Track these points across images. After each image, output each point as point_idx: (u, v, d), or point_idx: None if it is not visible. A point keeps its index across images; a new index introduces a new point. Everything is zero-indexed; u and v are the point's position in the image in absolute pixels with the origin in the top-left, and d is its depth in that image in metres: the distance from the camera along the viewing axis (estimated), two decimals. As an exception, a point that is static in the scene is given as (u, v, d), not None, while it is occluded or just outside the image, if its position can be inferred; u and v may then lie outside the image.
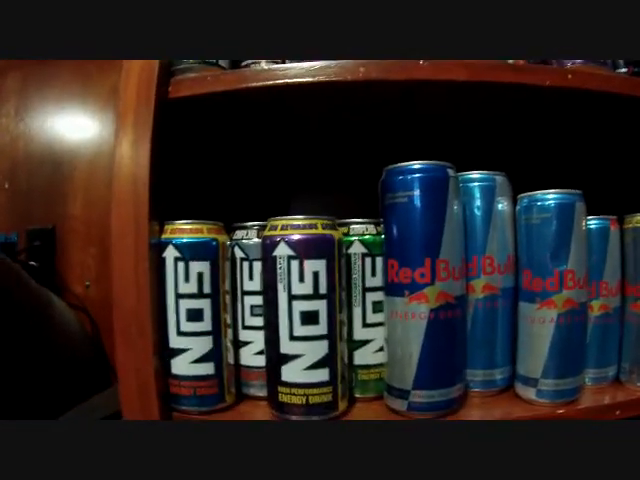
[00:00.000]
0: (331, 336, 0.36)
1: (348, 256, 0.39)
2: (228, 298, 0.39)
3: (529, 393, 0.40)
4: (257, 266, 0.39)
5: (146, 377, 0.36)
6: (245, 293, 0.40)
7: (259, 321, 0.39)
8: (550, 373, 0.39)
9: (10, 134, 0.74)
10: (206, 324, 0.37)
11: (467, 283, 0.40)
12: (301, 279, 0.35)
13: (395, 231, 0.37)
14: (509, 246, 0.41)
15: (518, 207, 0.41)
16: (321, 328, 0.36)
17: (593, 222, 0.43)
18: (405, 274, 0.36)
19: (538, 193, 0.39)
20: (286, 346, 0.36)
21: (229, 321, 0.39)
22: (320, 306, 0.36)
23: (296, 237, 0.35)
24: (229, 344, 0.39)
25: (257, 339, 0.39)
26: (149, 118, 0.37)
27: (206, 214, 0.41)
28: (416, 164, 0.36)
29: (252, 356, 0.40)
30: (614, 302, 0.43)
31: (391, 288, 0.37)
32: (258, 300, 0.39)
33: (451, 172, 0.37)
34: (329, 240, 0.36)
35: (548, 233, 0.39)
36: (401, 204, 0.36)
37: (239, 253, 0.40)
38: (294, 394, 0.36)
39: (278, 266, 0.36)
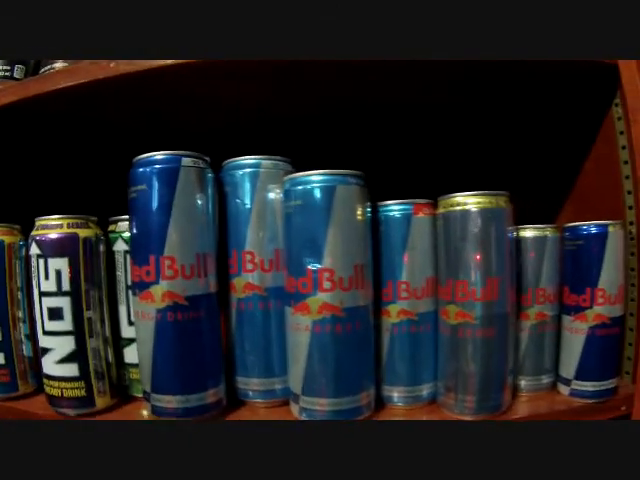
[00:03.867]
0: (78, 332, 0.36)
1: (112, 253, 0.39)
2: (20, 295, 0.42)
3: (294, 410, 0.34)
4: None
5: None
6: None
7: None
8: (307, 391, 0.33)
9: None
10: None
11: (229, 282, 0.36)
12: (46, 277, 0.36)
13: (132, 228, 0.35)
14: (280, 240, 0.36)
15: (281, 193, 0.35)
16: (66, 324, 0.36)
17: (394, 208, 0.35)
18: (136, 272, 0.34)
19: (299, 175, 0.33)
20: (41, 340, 0.37)
21: (20, 315, 0.42)
22: (64, 303, 0.36)
23: (43, 237, 0.36)
24: (23, 337, 0.42)
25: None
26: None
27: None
28: (154, 155, 0.34)
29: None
30: (421, 306, 0.34)
31: (132, 286, 0.36)
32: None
33: (187, 162, 0.34)
34: (72, 239, 0.36)
35: (302, 223, 0.33)
36: (134, 199, 0.34)
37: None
38: (52, 386, 0.37)
39: (32, 264, 0.37)
